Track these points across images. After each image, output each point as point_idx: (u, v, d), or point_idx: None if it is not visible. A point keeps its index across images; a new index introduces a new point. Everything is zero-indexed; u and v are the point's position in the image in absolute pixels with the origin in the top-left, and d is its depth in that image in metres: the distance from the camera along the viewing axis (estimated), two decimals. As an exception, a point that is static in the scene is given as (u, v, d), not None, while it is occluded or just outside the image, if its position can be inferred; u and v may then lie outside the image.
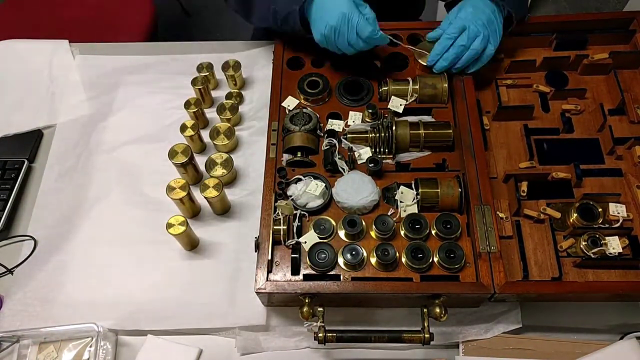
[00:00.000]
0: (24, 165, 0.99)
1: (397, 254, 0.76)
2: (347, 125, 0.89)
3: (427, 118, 0.90)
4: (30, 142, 1.02)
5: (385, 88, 0.91)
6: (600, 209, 0.79)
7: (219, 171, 0.91)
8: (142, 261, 0.89)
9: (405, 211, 0.81)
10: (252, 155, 0.99)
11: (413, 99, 0.91)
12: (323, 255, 0.77)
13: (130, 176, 0.98)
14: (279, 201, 0.80)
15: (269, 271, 0.76)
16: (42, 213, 0.95)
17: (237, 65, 1.03)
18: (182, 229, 0.82)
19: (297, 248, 0.79)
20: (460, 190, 0.80)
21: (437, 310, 0.72)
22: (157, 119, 1.05)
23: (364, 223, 0.79)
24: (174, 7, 2.26)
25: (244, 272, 0.87)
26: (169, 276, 0.88)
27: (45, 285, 0.88)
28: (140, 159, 1.00)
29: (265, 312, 0.83)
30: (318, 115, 0.89)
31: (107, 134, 1.04)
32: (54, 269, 0.89)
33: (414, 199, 0.81)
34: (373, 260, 0.77)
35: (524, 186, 0.84)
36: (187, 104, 0.98)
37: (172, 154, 0.89)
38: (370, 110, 0.88)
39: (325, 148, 0.86)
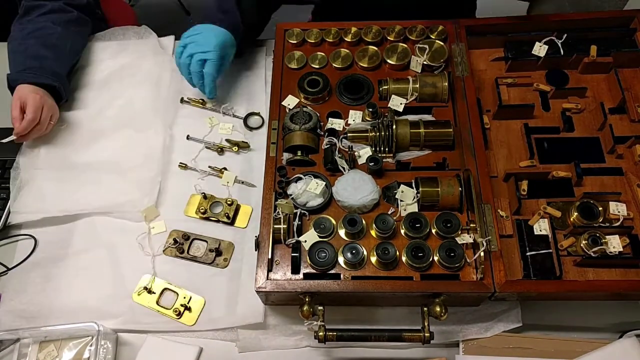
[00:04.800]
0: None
1: (398, 253, 0.76)
2: (347, 124, 0.89)
3: (428, 117, 0.90)
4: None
5: (386, 87, 0.91)
6: (600, 208, 0.79)
7: None
8: (141, 261, 0.89)
9: (405, 210, 0.81)
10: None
11: (413, 97, 0.90)
12: (323, 254, 0.77)
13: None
14: (279, 200, 0.80)
15: (269, 270, 0.76)
16: (42, 212, 0.95)
17: None
18: None
19: (297, 247, 0.78)
20: (460, 189, 0.80)
21: (437, 309, 0.72)
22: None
23: (364, 222, 0.79)
24: (174, 6, 2.26)
25: (242, 271, 0.87)
26: (168, 276, 0.88)
27: (45, 284, 0.88)
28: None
29: (263, 311, 0.83)
30: (318, 114, 0.89)
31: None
32: (54, 268, 0.89)
33: (414, 198, 0.81)
34: (373, 259, 0.77)
35: (524, 185, 0.83)
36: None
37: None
38: (370, 109, 0.88)
39: (326, 147, 0.86)
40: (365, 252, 0.77)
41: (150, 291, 0.86)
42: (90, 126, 1.03)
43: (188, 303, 0.85)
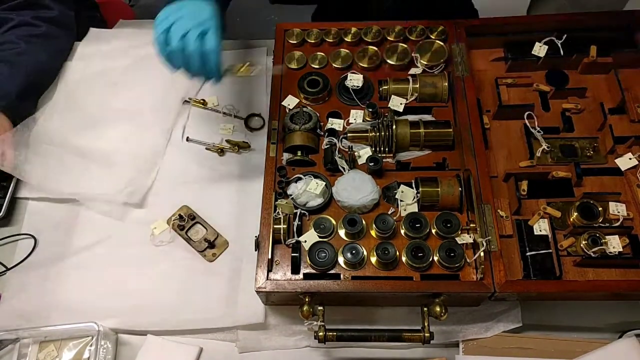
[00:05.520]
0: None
1: (397, 253, 0.76)
2: (348, 124, 0.89)
3: (428, 117, 0.90)
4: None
5: (386, 87, 0.91)
6: (600, 208, 0.79)
7: None
8: (141, 261, 0.89)
9: (405, 210, 0.81)
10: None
11: (413, 97, 0.91)
12: (323, 254, 0.77)
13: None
14: (279, 200, 0.80)
15: (269, 270, 0.76)
16: (41, 210, 0.95)
17: None
18: None
19: (297, 247, 0.79)
20: (460, 189, 0.80)
21: (437, 309, 0.72)
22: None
23: (364, 222, 0.79)
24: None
25: (242, 271, 0.87)
26: (168, 276, 0.88)
27: (45, 284, 0.88)
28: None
29: (263, 311, 0.83)
30: (318, 114, 0.89)
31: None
32: (53, 267, 0.89)
33: (414, 198, 0.81)
34: (373, 259, 0.77)
35: (524, 185, 0.83)
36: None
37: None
38: (370, 109, 0.88)
39: (326, 147, 0.86)
40: (365, 252, 0.77)
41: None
42: (102, 112, 1.03)
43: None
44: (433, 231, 0.79)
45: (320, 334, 0.72)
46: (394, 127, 0.84)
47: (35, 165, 0.96)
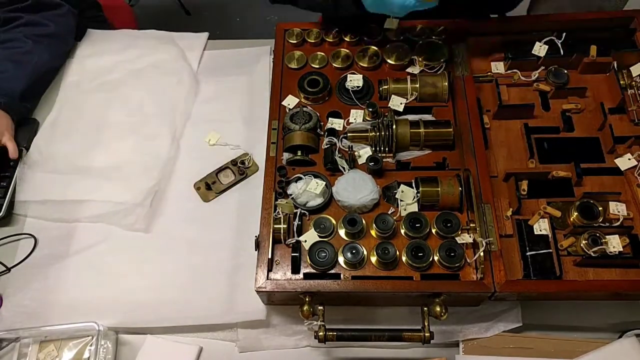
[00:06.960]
0: (23, 154, 0.99)
1: (398, 253, 0.76)
2: (348, 124, 0.89)
3: (428, 117, 0.90)
4: (28, 131, 1.02)
5: (386, 87, 0.91)
6: (600, 208, 0.79)
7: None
8: (141, 260, 0.89)
9: (405, 210, 0.81)
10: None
11: (413, 97, 0.91)
12: (323, 254, 0.77)
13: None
14: (279, 200, 0.80)
15: (269, 270, 0.76)
16: (41, 209, 0.95)
17: None
18: None
19: (297, 247, 0.79)
20: (460, 189, 0.80)
21: (437, 309, 0.72)
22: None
23: (364, 222, 0.79)
24: (174, 6, 2.26)
25: (244, 269, 0.87)
26: (169, 275, 0.88)
27: (44, 284, 0.88)
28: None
29: (265, 308, 0.83)
30: (318, 114, 0.89)
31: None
32: (54, 267, 0.89)
33: (414, 198, 0.81)
34: (373, 259, 0.77)
35: (524, 185, 0.83)
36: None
37: None
38: (370, 109, 0.88)
39: (326, 147, 0.86)
40: (365, 252, 0.77)
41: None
42: (104, 125, 1.03)
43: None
44: (433, 231, 0.79)
45: (321, 333, 0.72)
46: (394, 126, 0.84)
47: (48, 195, 0.95)
